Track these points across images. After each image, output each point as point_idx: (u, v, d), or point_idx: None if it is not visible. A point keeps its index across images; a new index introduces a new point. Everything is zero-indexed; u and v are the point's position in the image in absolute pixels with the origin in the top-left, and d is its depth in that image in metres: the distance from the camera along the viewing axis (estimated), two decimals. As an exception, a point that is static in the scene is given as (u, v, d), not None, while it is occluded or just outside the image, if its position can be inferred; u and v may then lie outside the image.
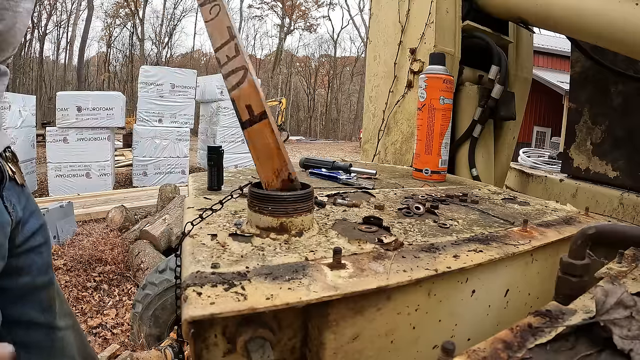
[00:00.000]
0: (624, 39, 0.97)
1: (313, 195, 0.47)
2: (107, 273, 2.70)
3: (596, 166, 1.59)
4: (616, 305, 0.27)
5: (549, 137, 10.94)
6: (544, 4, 1.16)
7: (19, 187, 0.59)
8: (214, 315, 0.28)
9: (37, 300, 0.62)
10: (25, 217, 0.60)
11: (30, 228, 0.61)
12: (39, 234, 0.63)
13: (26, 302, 0.60)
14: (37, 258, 0.62)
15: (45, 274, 0.63)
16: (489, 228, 0.55)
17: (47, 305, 0.63)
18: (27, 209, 0.61)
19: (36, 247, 0.62)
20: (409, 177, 1.03)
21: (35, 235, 0.62)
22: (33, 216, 0.62)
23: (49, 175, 5.04)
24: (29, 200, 0.62)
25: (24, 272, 0.60)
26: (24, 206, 0.60)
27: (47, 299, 0.63)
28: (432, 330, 0.40)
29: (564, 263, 0.40)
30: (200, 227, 0.46)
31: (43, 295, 0.63)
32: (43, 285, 0.63)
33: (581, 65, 1.64)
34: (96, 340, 2.02)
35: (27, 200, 0.61)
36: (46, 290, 0.63)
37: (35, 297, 0.62)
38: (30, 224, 0.61)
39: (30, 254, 0.61)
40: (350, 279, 0.35)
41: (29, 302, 0.61)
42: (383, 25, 1.60)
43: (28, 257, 0.60)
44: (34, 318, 0.61)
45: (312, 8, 27.17)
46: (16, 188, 0.58)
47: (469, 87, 1.45)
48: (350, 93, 28.42)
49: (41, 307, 0.62)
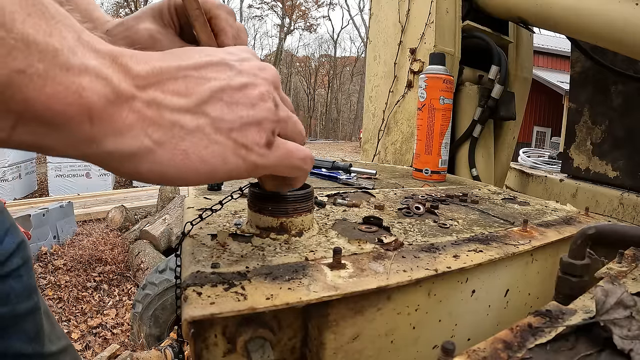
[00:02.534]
0: (623, 39, 0.97)
1: (313, 195, 0.47)
2: (107, 273, 2.71)
3: (596, 166, 1.59)
4: (616, 305, 0.27)
5: (549, 137, 10.95)
6: (544, 4, 1.16)
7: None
8: (214, 315, 0.28)
9: (21, 330, 0.54)
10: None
11: (5, 250, 0.53)
12: (16, 255, 0.54)
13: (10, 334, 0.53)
14: (15, 284, 0.53)
15: (28, 300, 0.55)
16: (489, 228, 0.55)
17: (34, 334, 0.56)
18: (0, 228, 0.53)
19: (13, 271, 0.53)
20: (409, 177, 1.03)
21: (11, 258, 0.54)
22: (8, 235, 0.54)
23: (49, 175, 5.04)
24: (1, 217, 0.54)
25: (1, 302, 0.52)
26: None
27: (34, 326, 0.56)
28: (432, 330, 0.40)
29: (564, 263, 0.40)
30: (200, 227, 0.46)
31: (28, 323, 0.55)
32: (26, 312, 0.55)
33: (581, 65, 1.64)
34: (96, 340, 2.02)
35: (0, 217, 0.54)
36: (31, 318, 0.55)
37: (19, 327, 0.54)
38: (5, 245, 0.53)
39: (7, 281, 0.53)
40: (350, 279, 0.35)
41: (12, 333, 0.53)
42: (383, 25, 1.60)
43: (4, 285, 0.52)
44: (21, 350, 0.54)
45: (312, 8, 27.18)
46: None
47: (469, 87, 1.45)
48: (350, 93, 28.42)
49: (27, 337, 0.55)
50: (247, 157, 0.28)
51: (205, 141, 0.27)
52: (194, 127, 0.26)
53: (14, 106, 0.20)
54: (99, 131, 0.23)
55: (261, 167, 0.30)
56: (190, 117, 0.26)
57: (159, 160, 0.25)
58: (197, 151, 0.26)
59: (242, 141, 0.28)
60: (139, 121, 0.24)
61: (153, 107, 0.25)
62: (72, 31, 0.22)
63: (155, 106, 0.25)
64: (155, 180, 0.26)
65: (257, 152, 0.29)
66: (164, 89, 0.26)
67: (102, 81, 0.22)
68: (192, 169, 0.26)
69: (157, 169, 0.25)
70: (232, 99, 0.28)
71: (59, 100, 0.21)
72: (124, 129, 0.23)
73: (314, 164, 0.98)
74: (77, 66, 0.21)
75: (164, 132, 0.25)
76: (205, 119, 0.27)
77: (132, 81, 0.24)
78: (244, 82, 0.29)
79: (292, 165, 0.32)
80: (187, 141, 0.26)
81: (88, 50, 0.22)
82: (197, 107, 0.26)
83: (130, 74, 0.24)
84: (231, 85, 0.28)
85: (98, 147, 0.23)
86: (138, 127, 0.24)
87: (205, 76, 0.27)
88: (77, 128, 0.22)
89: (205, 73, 0.28)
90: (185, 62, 0.27)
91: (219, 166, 0.27)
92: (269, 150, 0.30)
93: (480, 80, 1.48)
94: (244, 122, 0.28)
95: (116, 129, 0.23)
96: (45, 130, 0.22)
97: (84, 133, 0.22)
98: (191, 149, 0.26)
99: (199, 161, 0.26)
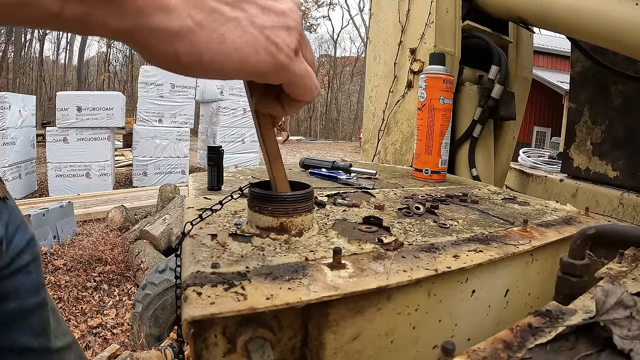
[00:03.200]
0: (624, 39, 0.97)
1: (313, 195, 0.47)
2: (107, 273, 2.71)
3: (596, 166, 1.59)
4: (616, 305, 0.27)
5: (549, 137, 10.95)
6: (544, 4, 1.16)
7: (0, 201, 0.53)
8: (214, 315, 0.28)
9: (28, 325, 0.55)
10: (10, 234, 0.54)
11: (16, 246, 0.54)
12: (26, 251, 0.56)
13: (16, 328, 0.54)
14: (24, 279, 0.55)
15: (36, 296, 0.56)
16: (489, 228, 0.55)
17: (41, 329, 0.57)
18: (11, 224, 0.54)
19: (23, 267, 0.55)
20: (409, 177, 1.03)
21: (22, 254, 0.55)
22: (19, 231, 0.56)
23: (49, 175, 5.04)
24: (13, 214, 0.56)
25: (10, 296, 0.53)
26: (7, 222, 0.54)
27: (40, 321, 0.57)
28: (432, 330, 0.40)
29: (564, 263, 0.40)
30: (200, 227, 0.46)
31: (35, 318, 0.56)
32: (34, 308, 0.56)
33: (581, 65, 1.64)
34: (96, 340, 2.02)
35: (11, 214, 0.55)
36: (38, 313, 0.57)
37: (26, 322, 0.55)
38: (16, 241, 0.55)
39: (16, 276, 0.54)
40: (350, 279, 0.35)
41: (19, 328, 0.54)
42: (383, 25, 1.60)
43: (14, 280, 0.54)
44: (27, 344, 0.55)
45: (312, 8, 27.15)
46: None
47: (469, 87, 1.45)
48: (350, 93, 28.42)
49: (34, 331, 0.56)
50: (277, 55, 0.30)
51: (240, 31, 0.29)
52: (232, 17, 0.28)
53: None
54: (149, 4, 0.24)
55: (286, 69, 0.32)
56: (229, 8, 0.28)
57: (197, 41, 0.27)
58: (233, 38, 0.28)
59: (274, 39, 0.30)
60: (183, 3, 0.26)
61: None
62: None
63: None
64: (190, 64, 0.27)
65: (285, 53, 0.31)
66: None
67: None
68: (226, 54, 0.28)
69: (194, 50, 0.27)
70: (266, 5, 0.30)
71: None
72: (170, 6, 0.25)
73: (314, 164, 0.99)
74: None
75: (205, 16, 0.27)
76: (243, 13, 0.29)
77: None
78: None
79: (306, 85, 0.35)
80: (225, 27, 0.28)
81: None
82: (236, 2, 0.29)
83: None
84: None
85: (144, 21, 0.24)
86: (182, 7, 0.26)
87: None
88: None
89: None
90: None
91: (250, 56, 0.29)
92: (296, 57, 0.32)
93: (480, 80, 1.48)
94: (275, 25, 0.30)
95: (163, 5, 0.25)
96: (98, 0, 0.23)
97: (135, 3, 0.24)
98: (228, 34, 0.28)
99: (234, 48, 0.28)
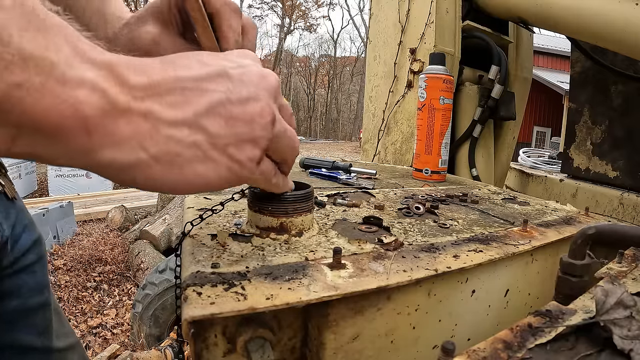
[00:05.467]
0: (624, 39, 0.97)
1: (313, 195, 0.47)
2: (107, 273, 2.71)
3: (596, 166, 1.59)
4: (616, 305, 0.27)
5: (549, 137, 10.95)
6: (544, 4, 1.16)
7: (8, 201, 0.53)
8: (214, 315, 0.28)
9: (31, 324, 0.55)
10: (16, 234, 0.54)
11: (22, 246, 0.54)
12: (32, 251, 0.56)
13: (19, 327, 0.54)
14: (28, 278, 0.55)
15: (39, 295, 0.56)
16: (489, 228, 0.55)
17: (44, 328, 0.57)
18: (18, 224, 0.54)
19: (28, 267, 0.55)
20: (409, 177, 1.03)
21: (27, 254, 0.55)
22: (26, 231, 0.55)
23: (49, 175, 5.04)
24: (21, 213, 0.55)
25: (13, 295, 0.53)
26: (15, 222, 0.53)
27: (43, 321, 0.57)
28: (432, 330, 0.40)
29: (564, 263, 0.40)
30: (200, 227, 0.46)
31: (38, 318, 0.56)
32: (37, 307, 0.56)
33: (581, 65, 1.64)
34: (96, 340, 2.02)
35: (19, 214, 0.55)
36: (41, 312, 0.56)
37: (29, 320, 0.55)
38: (23, 241, 0.54)
39: (20, 275, 0.54)
40: (350, 279, 0.35)
41: (22, 327, 0.54)
42: (383, 25, 1.60)
43: (18, 278, 0.53)
44: (30, 343, 0.54)
45: (312, 8, 27.18)
46: (5, 203, 0.52)
47: (469, 87, 1.45)
48: (350, 93, 28.42)
49: (37, 330, 0.55)
50: (240, 172, 0.29)
51: (201, 156, 0.27)
52: (190, 143, 0.26)
53: (13, 118, 0.20)
54: (96, 142, 0.23)
55: (245, 180, 0.31)
56: (187, 131, 0.26)
57: (154, 173, 0.26)
58: (193, 166, 0.27)
59: (237, 157, 0.28)
60: (135, 134, 0.24)
61: (150, 120, 0.25)
62: (69, 42, 0.22)
63: (152, 119, 0.25)
64: (151, 190, 0.27)
65: (248, 168, 0.30)
66: (161, 101, 0.25)
67: (98, 93, 0.23)
68: (187, 182, 0.27)
69: (152, 182, 0.26)
70: (231, 114, 0.28)
71: (56, 113, 0.21)
72: (121, 141, 0.24)
73: (314, 164, 0.99)
74: (73, 79, 0.22)
75: (160, 147, 0.25)
76: (202, 135, 0.27)
77: (128, 92, 0.24)
78: (244, 97, 0.29)
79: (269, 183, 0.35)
80: (183, 157, 0.26)
81: (84, 62, 0.23)
82: (195, 120, 0.26)
83: (126, 85, 0.24)
84: (230, 99, 0.28)
85: (95, 158, 0.24)
86: (134, 140, 0.24)
87: (204, 88, 0.27)
88: (74, 139, 0.22)
89: (204, 85, 0.27)
90: (183, 73, 0.27)
91: (212, 180, 0.28)
92: (257, 166, 0.31)
93: (480, 80, 1.48)
94: (240, 139, 0.28)
95: (113, 140, 0.24)
96: (45, 142, 0.22)
97: (81, 144, 0.23)
98: (186, 164, 0.26)
99: (194, 175, 0.27)
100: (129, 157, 0.24)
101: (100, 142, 0.23)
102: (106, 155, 0.24)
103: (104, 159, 0.24)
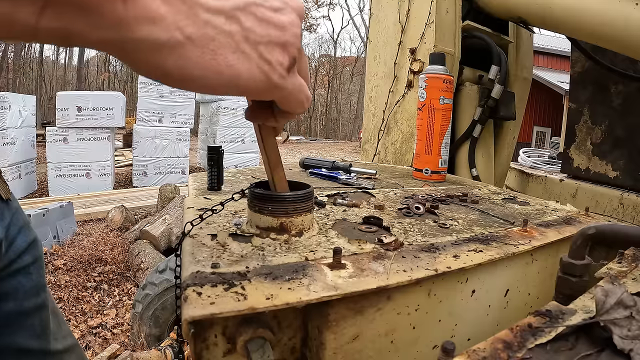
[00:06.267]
0: (624, 39, 0.97)
1: (313, 195, 0.47)
2: (107, 273, 2.71)
3: (596, 166, 1.59)
4: (616, 305, 0.27)
5: (549, 137, 10.95)
6: (544, 4, 1.16)
7: (3, 202, 0.52)
8: (214, 315, 0.28)
9: (27, 326, 0.54)
10: (11, 236, 0.53)
11: (17, 248, 0.54)
12: (27, 253, 0.55)
13: (15, 329, 0.53)
14: (24, 280, 0.54)
15: (35, 297, 0.55)
16: (489, 228, 0.55)
17: (41, 330, 0.56)
18: (13, 226, 0.54)
19: (23, 269, 0.54)
20: (409, 177, 1.03)
21: (23, 255, 0.54)
22: (21, 232, 0.55)
23: (49, 175, 5.03)
24: (16, 215, 0.55)
25: (9, 297, 0.52)
26: (9, 223, 0.53)
27: (40, 323, 0.56)
28: (432, 330, 0.40)
29: (564, 263, 0.40)
30: (200, 227, 0.46)
31: (34, 320, 0.55)
32: (33, 309, 0.55)
33: (581, 65, 1.64)
34: (96, 340, 2.02)
35: (13, 215, 0.54)
36: (38, 314, 0.56)
37: (25, 323, 0.54)
38: (18, 243, 0.54)
39: (16, 277, 0.53)
40: (350, 279, 0.35)
41: (18, 329, 0.53)
42: (383, 25, 1.60)
43: (13, 280, 0.53)
44: (26, 345, 0.54)
45: (312, 8, 27.14)
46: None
47: (469, 87, 1.45)
48: (350, 93, 28.42)
49: (34, 333, 0.55)
50: (269, 73, 0.29)
51: (233, 46, 0.27)
52: (225, 31, 0.26)
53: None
54: (131, 15, 0.22)
55: (278, 88, 0.31)
56: (224, 19, 0.26)
57: (187, 55, 0.25)
58: (225, 54, 0.27)
59: (267, 57, 0.29)
60: (172, 13, 0.24)
61: (187, 2, 0.25)
62: None
63: (190, 2, 0.25)
64: (176, 78, 0.26)
65: (278, 72, 0.30)
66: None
67: None
68: (217, 70, 0.27)
69: (183, 64, 0.25)
70: (264, 16, 0.29)
71: None
72: (157, 17, 0.23)
73: (314, 164, 0.99)
74: None
75: (196, 29, 0.25)
76: (237, 26, 0.27)
77: None
78: (277, 6, 0.30)
79: (298, 100, 0.34)
80: (217, 42, 0.26)
81: None
82: (232, 12, 0.27)
83: None
84: (264, 4, 0.29)
85: (128, 33, 0.23)
86: (170, 18, 0.24)
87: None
88: (110, 8, 0.22)
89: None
90: None
91: (242, 74, 0.28)
92: (288, 75, 0.31)
93: (480, 80, 1.48)
94: (271, 40, 0.29)
95: (149, 16, 0.23)
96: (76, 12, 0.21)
97: (116, 14, 0.22)
98: (220, 49, 0.26)
99: (225, 64, 0.27)
100: (164, 35, 0.24)
101: (135, 15, 0.22)
102: (141, 30, 0.23)
103: (138, 35, 0.23)
